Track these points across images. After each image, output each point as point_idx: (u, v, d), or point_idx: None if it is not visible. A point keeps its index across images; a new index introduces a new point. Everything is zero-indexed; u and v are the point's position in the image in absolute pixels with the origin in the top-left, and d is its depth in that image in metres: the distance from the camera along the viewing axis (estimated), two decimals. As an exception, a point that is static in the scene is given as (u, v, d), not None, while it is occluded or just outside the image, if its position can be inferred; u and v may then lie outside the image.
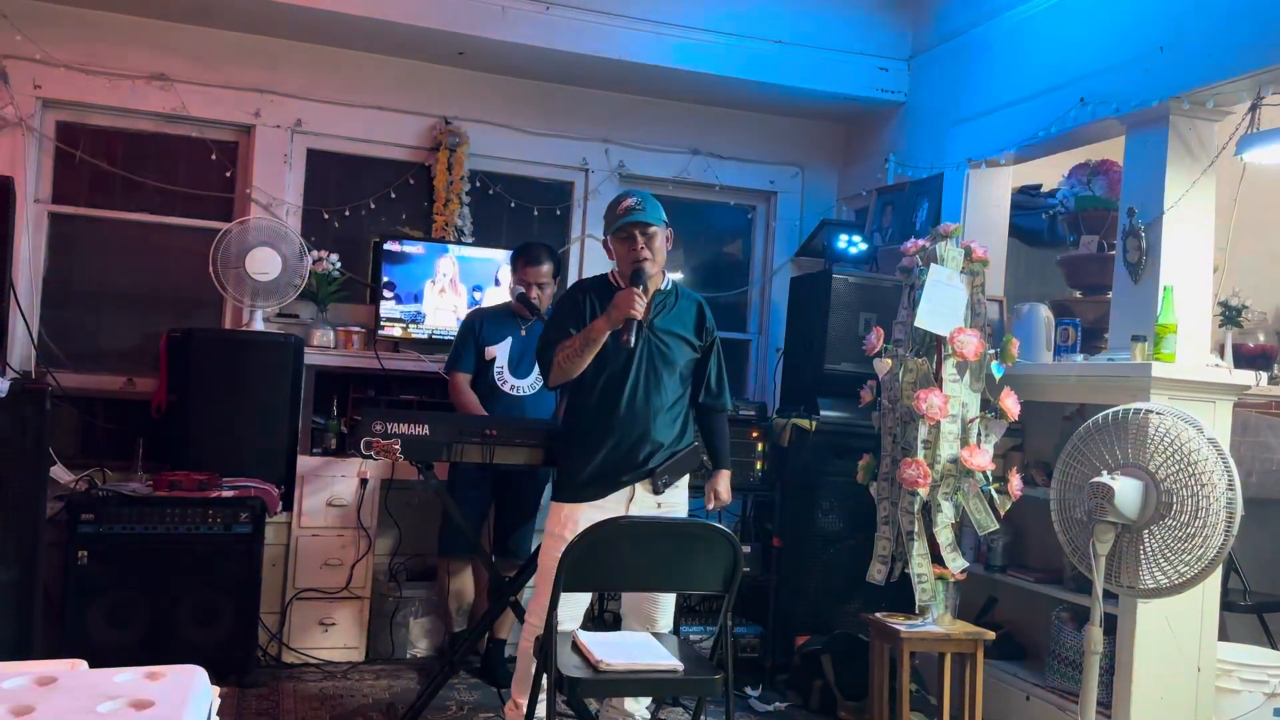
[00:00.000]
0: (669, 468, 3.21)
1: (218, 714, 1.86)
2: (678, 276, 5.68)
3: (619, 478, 3.16)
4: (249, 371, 4.28)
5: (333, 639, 4.34)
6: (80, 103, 4.62)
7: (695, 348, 3.30)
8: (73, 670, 1.87)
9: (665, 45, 4.86)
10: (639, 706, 3.29)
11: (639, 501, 3.18)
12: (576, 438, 3.25)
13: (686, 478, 3.31)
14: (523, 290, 4.10)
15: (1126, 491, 2.82)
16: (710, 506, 3.43)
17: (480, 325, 4.13)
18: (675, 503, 3.27)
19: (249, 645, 3.98)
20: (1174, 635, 3.43)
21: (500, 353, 4.12)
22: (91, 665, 1.91)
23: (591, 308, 3.20)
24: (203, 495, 3.90)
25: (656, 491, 3.19)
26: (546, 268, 4.09)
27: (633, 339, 3.06)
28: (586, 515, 3.08)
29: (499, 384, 4.10)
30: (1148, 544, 2.86)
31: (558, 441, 3.42)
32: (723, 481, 3.44)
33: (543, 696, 2.78)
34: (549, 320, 3.38)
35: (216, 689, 1.86)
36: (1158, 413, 2.89)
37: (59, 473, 4.00)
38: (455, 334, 4.33)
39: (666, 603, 3.24)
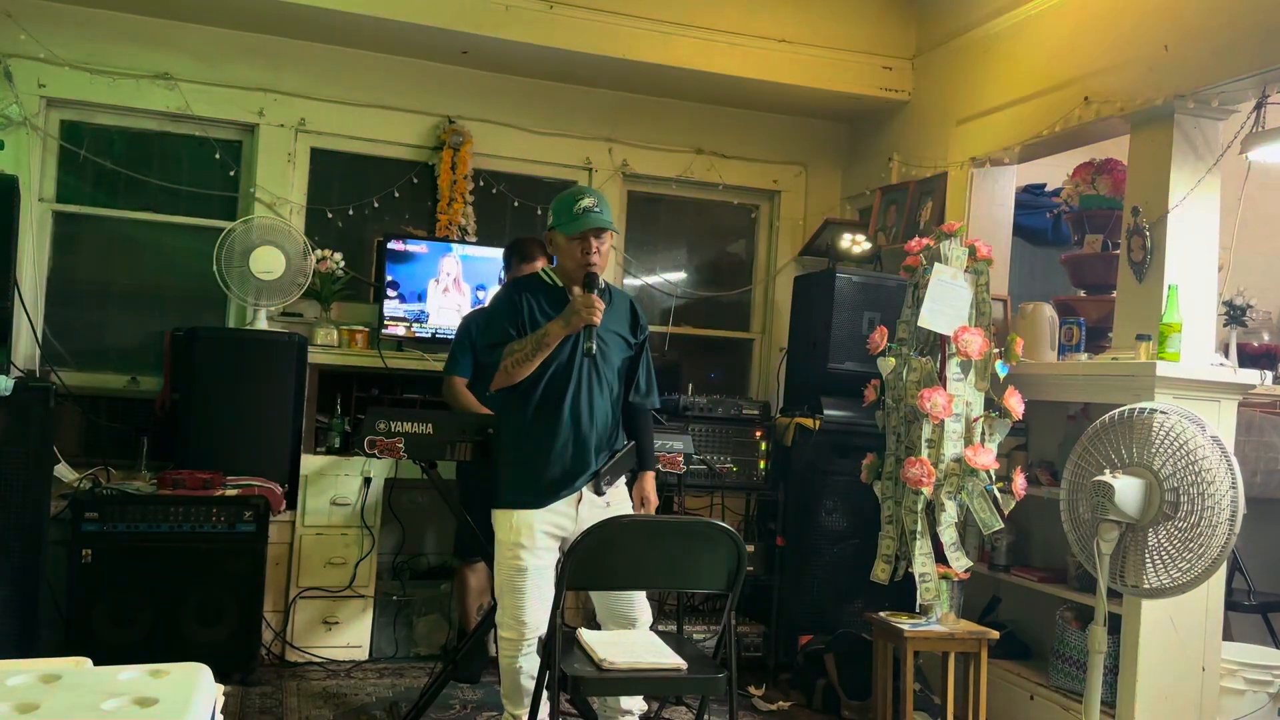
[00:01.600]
0: (610, 468, 3.15)
1: (221, 712, 1.86)
2: (678, 276, 5.70)
3: (572, 480, 3.09)
4: (253, 370, 4.29)
5: (336, 637, 4.34)
6: (84, 102, 4.63)
7: (630, 345, 3.24)
8: (77, 668, 1.88)
9: (669, 44, 4.86)
10: (635, 702, 3.28)
11: (587, 502, 3.11)
12: (520, 442, 3.13)
13: (624, 476, 3.26)
14: None
15: (1126, 490, 2.82)
16: (639, 511, 3.31)
17: (477, 327, 4.11)
18: (620, 500, 3.21)
19: (253, 644, 3.99)
20: (1178, 635, 3.43)
21: None
22: (96, 663, 1.91)
23: (529, 308, 3.12)
24: (206, 494, 3.90)
25: (599, 492, 3.12)
26: (541, 263, 4.08)
27: (594, 346, 3.01)
28: (541, 519, 3.04)
29: None
30: (1152, 543, 2.85)
31: (493, 445, 3.32)
32: (649, 483, 3.35)
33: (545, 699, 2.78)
34: (485, 324, 3.28)
35: (220, 687, 1.87)
36: (1162, 412, 2.88)
37: (63, 471, 4.01)
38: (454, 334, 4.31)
39: (642, 602, 3.17)
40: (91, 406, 4.59)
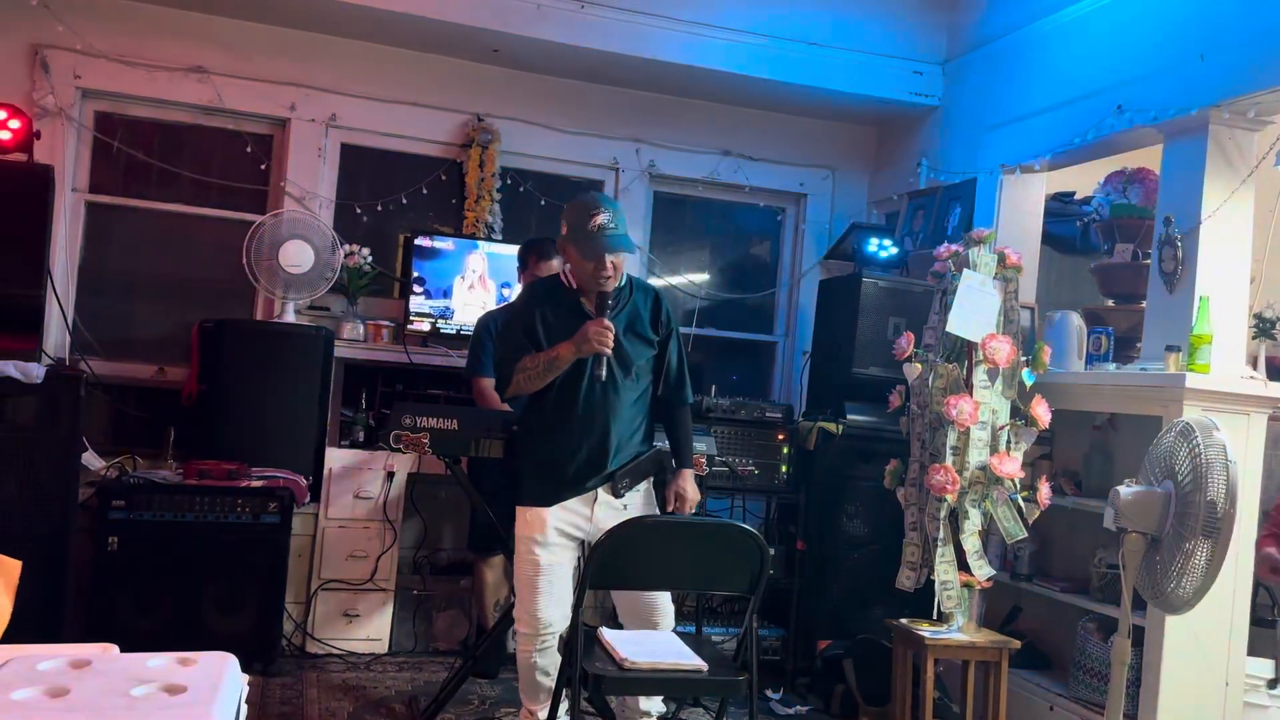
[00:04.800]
0: (629, 471, 3.11)
1: (245, 702, 1.87)
2: (702, 278, 5.69)
3: (583, 481, 3.08)
4: (279, 363, 4.32)
5: (357, 630, 4.37)
6: (119, 93, 4.67)
7: (652, 343, 3.17)
8: (105, 654, 1.89)
9: (698, 45, 4.86)
10: (653, 704, 3.28)
11: (603, 504, 3.09)
12: (535, 441, 3.15)
13: (647, 481, 3.21)
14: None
15: (1129, 499, 2.79)
16: (671, 509, 3.24)
17: (497, 326, 4.12)
18: (638, 506, 3.16)
19: (274, 634, 4.02)
20: (1201, 648, 3.40)
21: None
22: (120, 650, 1.93)
23: (544, 319, 3.09)
24: (232, 485, 3.93)
25: (616, 495, 3.10)
26: (556, 262, 4.08)
27: (603, 373, 3.00)
28: (555, 516, 3.05)
29: None
30: (1169, 554, 2.82)
31: (515, 443, 3.32)
32: (687, 481, 3.25)
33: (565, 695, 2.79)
34: (501, 330, 3.27)
35: (245, 677, 1.88)
36: (1189, 423, 2.85)
37: (90, 459, 4.05)
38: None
39: (664, 604, 3.16)
40: (120, 395, 4.64)
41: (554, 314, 3.10)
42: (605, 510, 3.08)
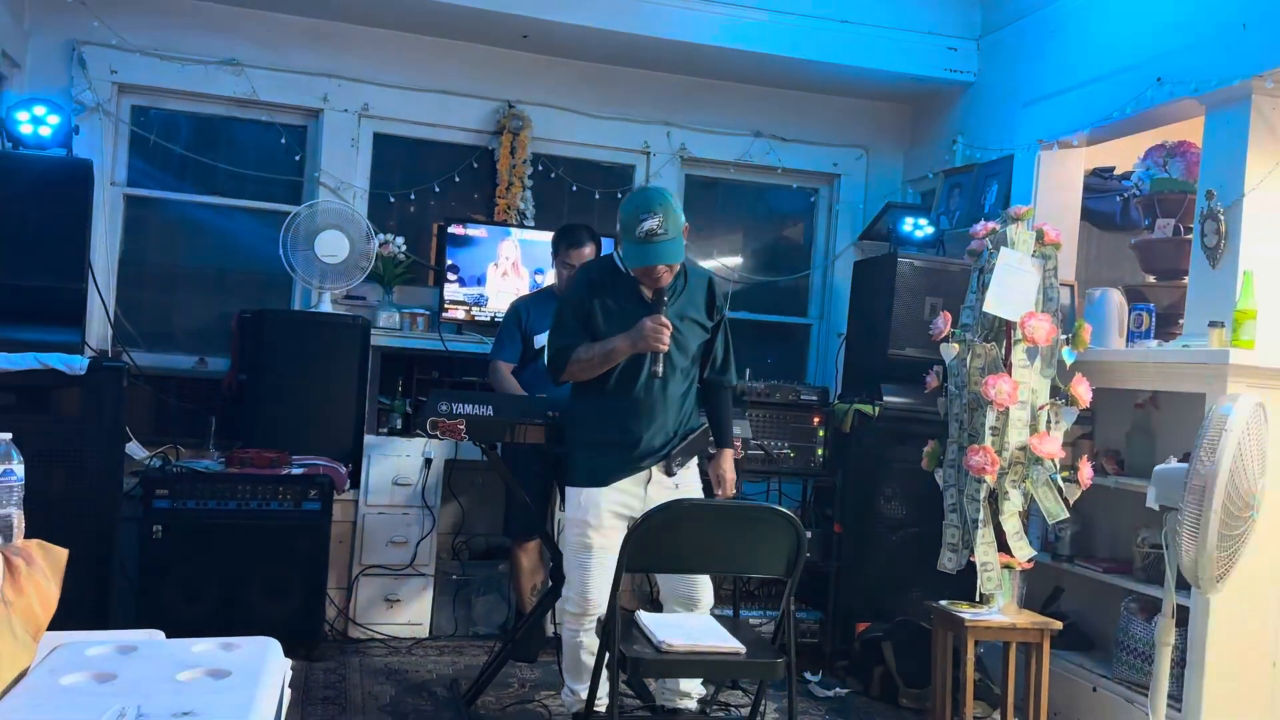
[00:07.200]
0: (682, 449, 3.18)
1: (288, 686, 1.90)
2: (735, 261, 5.67)
3: (640, 461, 3.13)
4: (318, 352, 4.36)
5: (398, 615, 4.41)
6: (154, 88, 4.72)
7: (706, 328, 3.23)
8: (151, 640, 1.93)
9: (728, 26, 4.83)
10: (694, 685, 3.29)
11: (656, 482, 3.14)
12: (589, 423, 3.19)
13: (696, 458, 3.28)
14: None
15: (1159, 474, 2.74)
16: (719, 492, 3.33)
17: (526, 313, 4.13)
18: (689, 483, 3.23)
19: (317, 620, 4.06)
20: (1247, 629, 3.35)
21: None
22: (166, 636, 1.96)
23: (602, 306, 3.11)
24: (273, 473, 3.98)
25: (670, 473, 3.16)
26: (589, 249, 4.07)
27: (661, 370, 3.05)
28: (608, 498, 3.09)
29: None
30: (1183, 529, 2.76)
31: (565, 424, 3.34)
32: (727, 461, 3.35)
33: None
34: (556, 317, 3.26)
35: (288, 661, 1.91)
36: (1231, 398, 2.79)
37: (134, 449, 4.11)
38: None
39: (704, 583, 3.20)
40: (161, 386, 4.70)
41: (613, 300, 3.13)
42: (658, 489, 3.13)
